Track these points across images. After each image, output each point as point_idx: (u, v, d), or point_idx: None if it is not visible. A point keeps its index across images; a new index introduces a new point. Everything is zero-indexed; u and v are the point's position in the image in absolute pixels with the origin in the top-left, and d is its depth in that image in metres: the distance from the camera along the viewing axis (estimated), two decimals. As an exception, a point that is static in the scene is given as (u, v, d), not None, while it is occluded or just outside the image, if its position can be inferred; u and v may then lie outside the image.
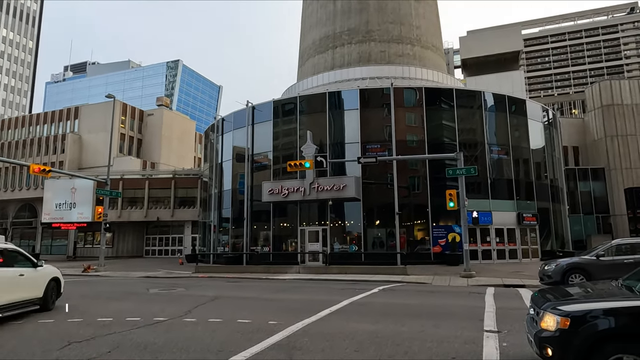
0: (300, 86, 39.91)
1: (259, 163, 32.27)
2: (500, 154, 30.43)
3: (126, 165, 50.66)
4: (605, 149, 41.39)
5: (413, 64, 38.69)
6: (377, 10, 39.93)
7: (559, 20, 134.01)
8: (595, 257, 15.35)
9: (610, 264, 14.80)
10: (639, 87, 42.37)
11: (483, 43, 63.40)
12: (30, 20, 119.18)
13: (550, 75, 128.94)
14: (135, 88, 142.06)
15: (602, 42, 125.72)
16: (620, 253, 15.17)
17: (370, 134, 29.33)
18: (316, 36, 42.20)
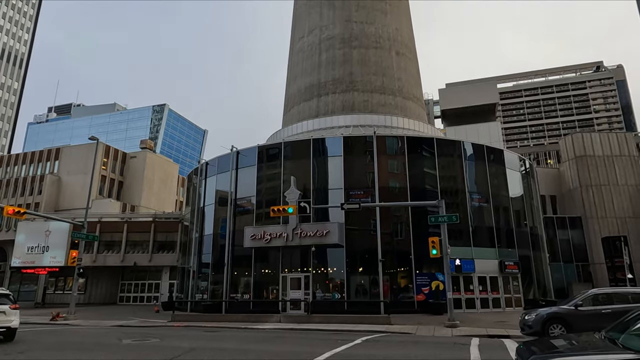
0: (285, 132, 40.56)
1: (242, 207, 32.02)
2: (481, 202, 30.98)
3: (105, 207, 49.59)
4: (581, 198, 42.59)
5: (395, 113, 39.96)
6: (360, 62, 41.66)
7: (531, 76, 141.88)
8: (574, 307, 15.37)
9: (589, 314, 14.83)
10: (608, 140, 44.43)
11: (461, 95, 66.25)
12: (17, 62, 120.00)
13: (525, 127, 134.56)
14: (120, 130, 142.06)
15: (572, 97, 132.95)
16: (597, 303, 15.25)
17: (354, 180, 29.65)
18: (302, 85, 43.50)
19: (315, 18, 44.74)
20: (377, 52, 42.24)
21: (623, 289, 16.31)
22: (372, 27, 42.98)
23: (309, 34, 44.74)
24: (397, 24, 44.75)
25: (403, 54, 43.98)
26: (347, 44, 42.19)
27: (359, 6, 43.53)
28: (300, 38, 45.91)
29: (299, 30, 46.97)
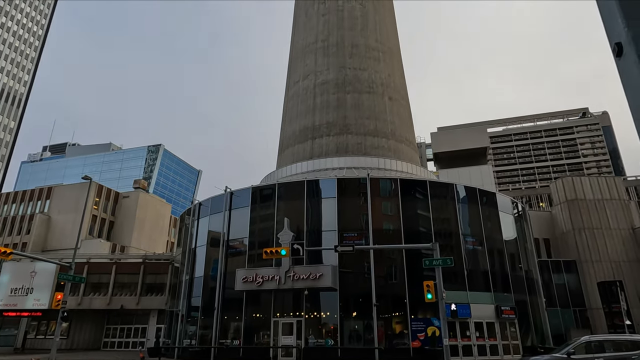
0: (279, 174, 40.78)
1: (234, 249, 31.57)
2: (475, 245, 30.84)
3: (94, 248, 48.64)
4: (575, 242, 42.58)
5: (388, 155, 40.51)
6: (354, 106, 42.71)
7: (520, 121, 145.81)
8: (566, 355, 14.99)
9: (581, 362, 14.51)
10: (598, 184, 45.10)
11: (453, 139, 67.61)
12: (15, 102, 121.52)
13: (516, 170, 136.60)
14: (114, 170, 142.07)
15: (560, 141, 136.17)
16: (590, 351, 14.92)
17: (348, 222, 29.53)
18: (296, 127, 44.25)
19: (310, 64, 46.25)
20: (370, 97, 43.42)
21: (615, 336, 16.04)
22: (366, 73, 44.41)
23: (304, 79, 46.07)
24: (389, 70, 46.32)
25: (395, 99, 45.21)
26: (341, 89, 43.40)
27: (353, 53, 45.18)
28: (296, 82, 47.21)
29: (294, 74, 48.39)
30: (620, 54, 1.56)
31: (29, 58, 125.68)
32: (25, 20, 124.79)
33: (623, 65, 1.56)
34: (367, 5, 48.11)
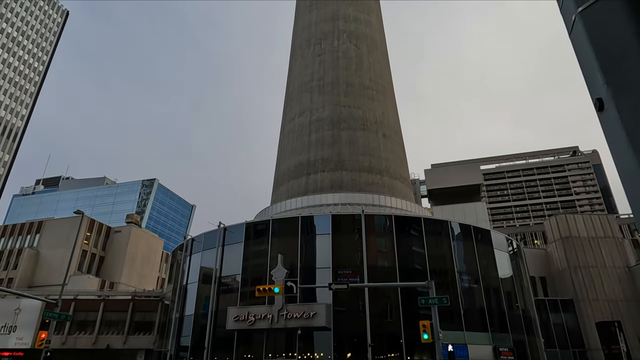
0: (273, 209, 40.64)
1: (227, 286, 30.93)
2: (471, 283, 30.45)
3: (82, 284, 47.45)
4: (571, 280, 42.20)
5: (383, 192, 40.66)
6: (349, 143, 43.25)
7: (512, 159, 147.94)
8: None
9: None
10: (591, 221, 45.28)
11: (446, 176, 68.19)
12: (11, 136, 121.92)
13: (510, 207, 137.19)
14: (107, 204, 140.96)
15: (552, 179, 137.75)
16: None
17: (342, 259, 29.20)
18: (291, 163, 44.55)
19: (306, 101, 47.18)
20: (364, 134, 44.08)
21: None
22: (360, 111, 45.30)
23: (300, 116, 46.85)
24: (383, 108, 47.31)
25: (389, 136, 45.91)
26: (336, 126, 44.09)
27: (347, 92, 46.25)
28: (292, 119, 47.96)
29: (290, 111, 49.24)
30: (602, 109, 1.62)
31: (28, 93, 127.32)
32: (27, 57, 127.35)
33: (605, 120, 1.62)
34: (362, 47, 49.75)
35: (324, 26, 50.89)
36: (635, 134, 1.48)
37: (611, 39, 1.59)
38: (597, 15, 1.65)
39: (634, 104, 1.49)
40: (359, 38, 50.11)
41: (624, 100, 1.52)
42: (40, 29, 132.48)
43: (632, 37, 1.52)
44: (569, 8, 1.78)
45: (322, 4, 52.59)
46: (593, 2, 1.67)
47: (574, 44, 1.80)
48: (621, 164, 1.58)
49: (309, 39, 51.38)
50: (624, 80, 1.52)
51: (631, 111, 1.51)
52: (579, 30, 1.73)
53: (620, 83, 1.53)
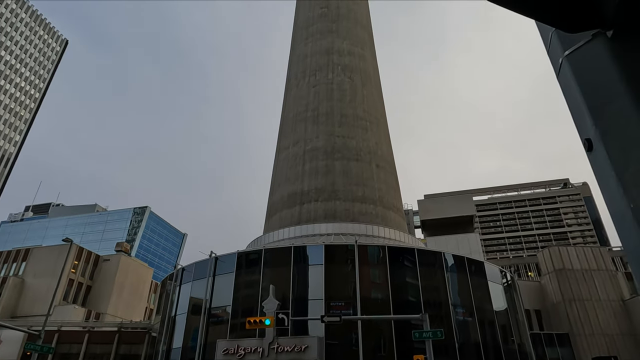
0: (266, 239, 40.27)
1: (217, 317, 30.18)
2: (465, 316, 30.01)
3: (67, 314, 46.06)
4: (566, 314, 41.75)
5: (376, 222, 40.56)
6: (342, 173, 43.46)
7: (504, 190, 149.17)
8: None
9: None
10: (584, 254, 45.30)
11: (439, 207, 68.39)
12: (3, 162, 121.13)
13: (503, 239, 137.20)
14: (97, 232, 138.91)
15: (544, 210, 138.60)
16: None
17: (335, 290, 28.76)
18: (285, 192, 44.51)
19: (300, 131, 47.67)
20: (358, 164, 44.38)
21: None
22: (354, 141, 45.77)
23: (294, 145, 47.19)
24: (376, 138, 47.87)
25: (382, 167, 46.25)
26: (330, 156, 44.40)
27: (342, 123, 46.87)
28: (286, 148, 48.27)
29: (284, 140, 49.62)
30: (591, 149, 1.64)
31: (23, 119, 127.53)
32: (24, 84, 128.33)
33: (594, 160, 1.64)
34: (355, 79, 50.83)
35: (319, 59, 52.10)
36: (624, 175, 1.50)
37: (598, 82, 1.64)
38: (584, 59, 1.70)
39: (623, 146, 1.52)
40: (353, 71, 51.26)
41: (613, 142, 1.54)
42: (39, 57, 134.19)
43: (618, 80, 1.57)
44: (556, 51, 1.84)
45: (318, 37, 54.02)
46: (579, 46, 1.73)
47: (562, 86, 1.85)
48: (612, 203, 1.60)
49: (304, 70, 52.46)
50: (612, 122, 1.55)
51: (620, 152, 1.53)
52: (566, 72, 1.78)
53: (608, 125, 1.57)
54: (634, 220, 1.46)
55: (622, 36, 1.57)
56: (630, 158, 1.47)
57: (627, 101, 1.50)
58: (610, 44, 1.61)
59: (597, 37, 1.66)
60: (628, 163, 1.48)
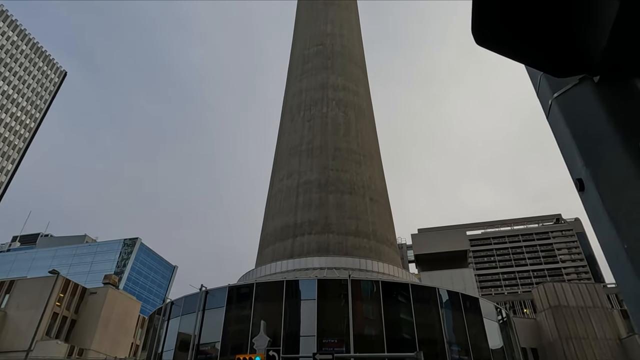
0: (257, 272, 39.62)
1: (205, 354, 29.17)
2: (461, 355, 29.29)
3: (49, 350, 44.31)
4: (563, 352, 40.92)
5: (370, 256, 40.19)
6: (336, 206, 43.40)
7: (498, 225, 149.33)
8: None
9: None
10: (579, 290, 44.94)
11: (433, 241, 68.17)
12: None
13: (497, 274, 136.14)
14: (85, 263, 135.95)
15: (538, 246, 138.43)
16: None
17: (328, 326, 28.08)
18: (278, 225, 44.20)
19: (294, 164, 47.92)
20: (352, 197, 44.43)
21: None
22: (348, 175, 46.01)
23: (288, 178, 47.31)
24: (370, 172, 48.19)
25: (376, 200, 46.31)
26: (323, 189, 44.47)
27: (335, 156, 47.27)
28: (280, 180, 48.35)
29: (278, 173, 49.77)
30: (583, 189, 1.66)
31: (16, 148, 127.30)
32: (20, 114, 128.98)
33: (586, 200, 1.66)
34: (350, 113, 51.71)
35: (314, 94, 53.12)
36: (616, 215, 1.51)
37: (587, 124, 1.68)
38: (572, 102, 1.75)
39: (614, 186, 1.54)
40: (347, 105, 52.21)
41: (604, 183, 1.56)
42: (37, 88, 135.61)
43: (606, 123, 1.61)
44: (545, 93, 1.89)
45: (313, 73, 55.30)
46: (567, 89, 1.78)
47: (552, 126, 1.89)
48: (605, 243, 1.60)
49: (299, 104, 53.35)
50: (602, 164, 1.58)
51: (611, 193, 1.55)
52: (555, 114, 1.83)
53: (598, 166, 1.59)
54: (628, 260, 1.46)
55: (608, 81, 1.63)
56: (621, 199, 1.49)
57: (616, 143, 1.53)
58: (597, 88, 1.66)
59: (584, 80, 1.71)
60: (620, 204, 1.50)
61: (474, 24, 1.56)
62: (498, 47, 1.66)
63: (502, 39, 1.63)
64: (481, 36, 1.61)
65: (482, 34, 1.61)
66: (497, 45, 1.66)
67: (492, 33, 1.62)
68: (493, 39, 1.63)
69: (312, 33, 60.28)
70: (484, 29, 1.60)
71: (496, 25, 1.60)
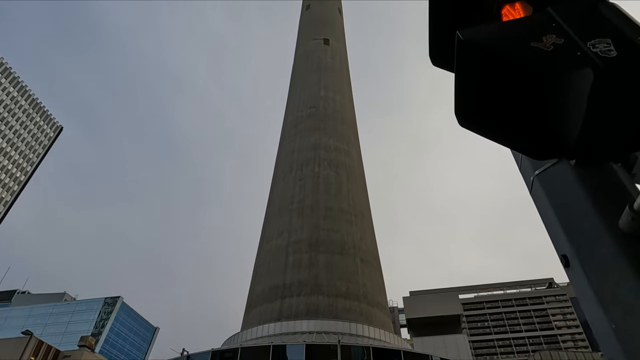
0: (243, 336, 37.88)
1: None
2: None
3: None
4: None
5: (360, 320, 38.84)
6: (326, 267, 42.61)
7: (490, 289, 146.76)
8: None
9: None
10: (576, 359, 43.42)
11: (425, 305, 66.53)
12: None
13: (492, 340, 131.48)
14: (61, 323, 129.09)
15: (532, 311, 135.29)
16: None
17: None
18: (266, 285, 42.99)
19: (285, 222, 47.63)
20: (342, 258, 43.79)
21: None
22: (338, 235, 45.68)
23: (278, 237, 46.78)
24: (361, 232, 47.93)
25: (367, 261, 45.64)
26: (313, 248, 43.89)
27: (327, 216, 47.21)
28: (269, 240, 47.74)
29: (268, 232, 49.27)
30: (568, 265, 1.68)
31: (2, 202, 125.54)
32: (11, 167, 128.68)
33: (572, 277, 1.68)
34: (341, 173, 52.45)
35: (307, 153, 54.14)
36: (602, 295, 1.51)
37: (568, 201, 1.73)
38: (553, 180, 1.82)
39: (597, 263, 1.56)
40: (338, 166, 53.08)
41: (587, 260, 1.59)
42: (31, 142, 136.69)
43: (585, 201, 1.66)
44: (527, 170, 1.97)
45: (306, 134, 56.76)
46: (547, 167, 1.86)
47: (535, 202, 1.95)
48: (594, 322, 1.59)
49: (292, 164, 54.14)
50: (585, 241, 1.61)
51: (595, 270, 1.57)
52: (537, 190, 1.89)
53: (581, 243, 1.63)
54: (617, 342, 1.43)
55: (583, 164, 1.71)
56: (606, 278, 1.50)
57: (597, 222, 1.58)
58: (574, 168, 1.74)
59: (562, 160, 1.80)
60: (604, 283, 1.51)
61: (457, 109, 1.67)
62: (479, 131, 1.76)
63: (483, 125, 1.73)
64: (463, 120, 1.71)
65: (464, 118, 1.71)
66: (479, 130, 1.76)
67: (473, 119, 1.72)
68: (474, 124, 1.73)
69: (305, 96, 62.71)
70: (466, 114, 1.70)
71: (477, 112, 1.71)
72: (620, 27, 1.55)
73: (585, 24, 1.60)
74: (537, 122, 1.73)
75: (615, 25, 1.56)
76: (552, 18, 1.68)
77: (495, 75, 1.62)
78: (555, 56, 1.57)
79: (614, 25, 1.56)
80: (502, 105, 1.69)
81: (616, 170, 1.69)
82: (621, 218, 1.50)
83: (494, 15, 1.92)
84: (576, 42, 1.56)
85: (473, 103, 1.68)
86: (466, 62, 1.61)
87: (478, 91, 1.65)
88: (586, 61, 1.49)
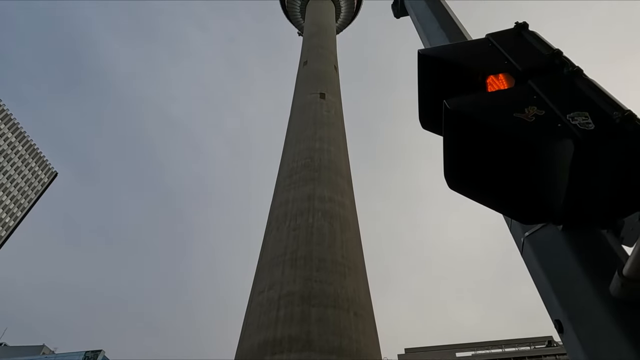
0: (230, 395, 35.78)
1: None
2: None
3: None
4: None
5: (353, 379, 36.99)
6: (318, 321, 41.12)
7: (488, 346, 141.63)
8: None
9: None
10: None
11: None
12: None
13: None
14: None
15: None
16: None
17: None
18: (255, 341, 41.20)
19: (277, 274, 46.53)
20: (335, 312, 42.43)
21: None
22: (332, 287, 44.53)
23: (269, 289, 45.50)
24: (355, 285, 46.81)
25: (361, 315, 44.24)
26: (306, 301, 42.59)
27: (320, 267, 46.29)
28: (260, 292, 46.39)
29: (259, 284, 47.97)
30: (562, 331, 1.66)
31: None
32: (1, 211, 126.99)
33: (566, 343, 1.65)
34: (335, 224, 52.08)
35: (300, 204, 53.97)
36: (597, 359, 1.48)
37: (558, 265, 1.74)
38: (542, 242, 1.84)
39: (591, 332, 1.54)
40: (332, 217, 52.80)
41: (581, 327, 1.57)
42: (24, 187, 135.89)
43: (575, 265, 1.67)
44: (517, 231, 1.99)
45: (300, 184, 56.98)
46: (537, 229, 1.89)
47: (527, 264, 1.96)
48: None
49: (285, 214, 53.79)
50: (577, 307, 1.60)
51: (589, 337, 1.54)
52: (528, 252, 1.90)
53: (574, 309, 1.61)
54: None
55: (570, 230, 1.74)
56: (600, 347, 1.48)
57: (587, 287, 1.58)
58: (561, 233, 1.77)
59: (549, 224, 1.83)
60: (599, 352, 1.48)
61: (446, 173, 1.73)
62: (467, 194, 1.81)
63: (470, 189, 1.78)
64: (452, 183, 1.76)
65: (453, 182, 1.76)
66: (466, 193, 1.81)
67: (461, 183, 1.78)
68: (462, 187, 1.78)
69: (301, 148, 63.67)
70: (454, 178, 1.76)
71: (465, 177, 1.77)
72: (596, 102, 1.67)
73: (564, 97, 1.71)
74: (523, 188, 1.79)
75: (592, 99, 1.68)
76: (533, 90, 1.81)
77: (480, 143, 1.71)
78: (537, 127, 1.66)
79: (591, 100, 1.68)
80: (488, 171, 1.76)
81: (604, 235, 1.72)
82: (611, 284, 1.50)
83: (479, 84, 2.06)
84: (557, 114, 1.66)
85: (460, 168, 1.74)
86: (453, 130, 1.70)
87: (465, 157, 1.72)
88: (566, 133, 1.58)
